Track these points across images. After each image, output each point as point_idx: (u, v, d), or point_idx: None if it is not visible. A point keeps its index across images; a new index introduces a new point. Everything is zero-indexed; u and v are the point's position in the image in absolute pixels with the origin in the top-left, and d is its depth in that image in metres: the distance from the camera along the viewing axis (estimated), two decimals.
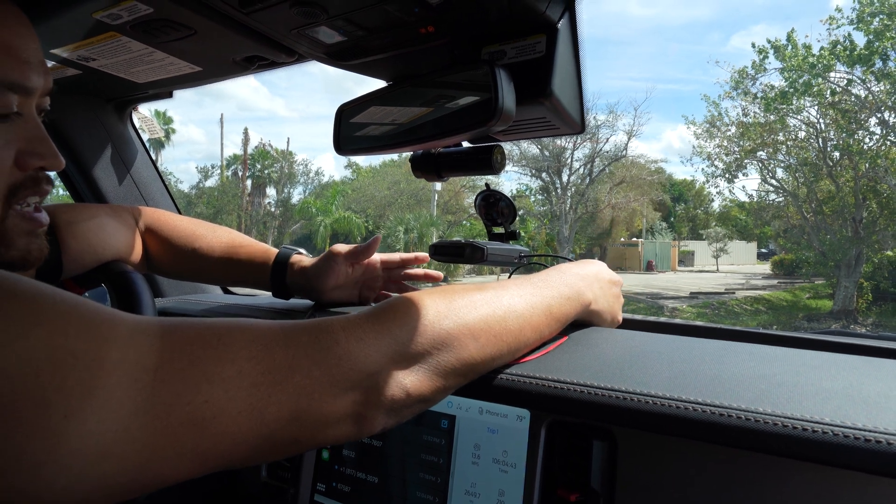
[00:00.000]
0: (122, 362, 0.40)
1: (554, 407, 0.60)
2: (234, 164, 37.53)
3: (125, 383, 0.39)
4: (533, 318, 0.62)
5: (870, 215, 15.55)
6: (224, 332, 0.45)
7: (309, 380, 0.46)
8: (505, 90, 0.63)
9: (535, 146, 23.15)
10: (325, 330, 0.49)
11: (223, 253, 0.98)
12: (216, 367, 0.43)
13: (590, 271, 0.74)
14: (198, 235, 0.99)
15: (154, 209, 1.03)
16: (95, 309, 0.41)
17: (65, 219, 0.85)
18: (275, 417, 0.45)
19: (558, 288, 0.66)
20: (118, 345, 0.40)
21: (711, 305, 17.08)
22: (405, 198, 26.76)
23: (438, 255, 0.86)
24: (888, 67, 13.81)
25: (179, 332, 0.43)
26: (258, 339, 0.46)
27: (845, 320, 14.82)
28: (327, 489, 0.74)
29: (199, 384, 0.42)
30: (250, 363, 0.44)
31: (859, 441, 0.45)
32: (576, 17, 0.66)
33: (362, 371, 0.49)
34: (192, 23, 0.74)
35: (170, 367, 0.41)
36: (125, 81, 0.99)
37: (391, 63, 0.76)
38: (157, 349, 0.41)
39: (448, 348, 0.54)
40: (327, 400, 0.47)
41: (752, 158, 17.22)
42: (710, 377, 0.57)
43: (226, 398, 0.43)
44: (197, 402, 0.41)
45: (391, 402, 0.51)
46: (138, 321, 0.43)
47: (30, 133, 0.56)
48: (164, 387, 0.41)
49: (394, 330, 0.52)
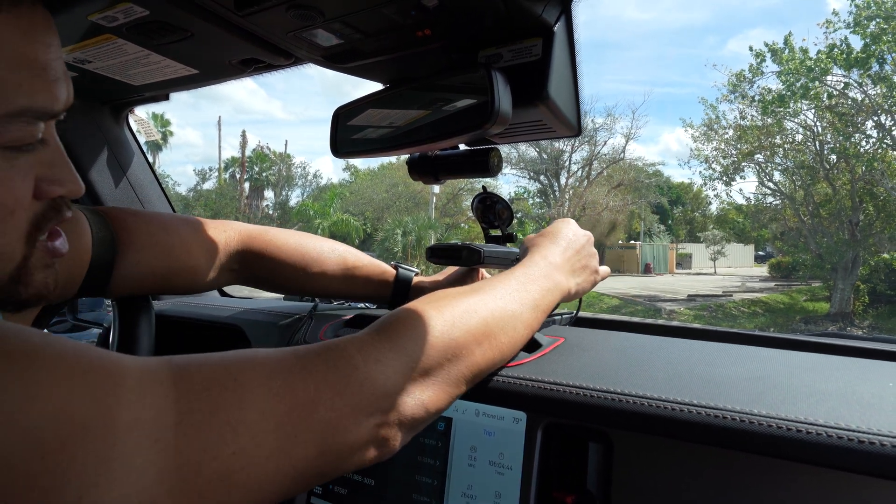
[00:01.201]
0: (137, 422, 0.35)
1: (550, 409, 0.60)
2: (232, 167, 37.51)
3: (145, 447, 0.35)
4: (524, 316, 0.62)
5: (866, 218, 15.60)
6: (238, 370, 0.42)
7: (333, 412, 0.44)
8: (501, 93, 0.63)
9: (534, 149, 23.22)
10: (341, 355, 0.47)
11: (337, 274, 0.92)
12: (239, 413, 0.40)
13: (558, 252, 0.72)
14: (309, 260, 0.90)
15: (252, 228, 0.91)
16: (100, 361, 0.36)
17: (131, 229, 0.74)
18: (302, 456, 0.43)
19: (539, 281, 0.66)
20: (130, 402, 0.36)
21: (709, 308, 17.10)
22: (403, 200, 26.77)
23: (435, 257, 0.86)
24: (885, 71, 13.87)
25: (192, 377, 0.40)
26: (275, 373, 0.43)
27: (842, 323, 14.85)
28: (324, 492, 0.74)
29: (225, 434, 0.39)
30: (273, 401, 0.42)
31: (853, 442, 0.45)
32: (572, 21, 0.66)
33: (382, 393, 0.48)
34: (187, 25, 0.74)
35: (190, 419, 0.37)
36: (121, 84, 0.99)
37: (388, 66, 0.77)
38: (173, 400, 0.37)
39: (458, 358, 0.54)
40: (351, 430, 0.46)
41: (749, 161, 17.27)
42: (705, 379, 0.57)
43: (253, 444, 0.40)
44: (225, 456, 0.38)
45: (411, 421, 0.50)
46: (146, 367, 0.39)
47: (49, 157, 0.47)
48: (189, 443, 0.37)
49: (407, 346, 0.51)
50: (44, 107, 0.43)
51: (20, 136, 0.42)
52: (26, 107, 0.42)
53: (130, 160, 1.27)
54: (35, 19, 0.42)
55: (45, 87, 0.43)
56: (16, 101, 0.41)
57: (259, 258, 0.88)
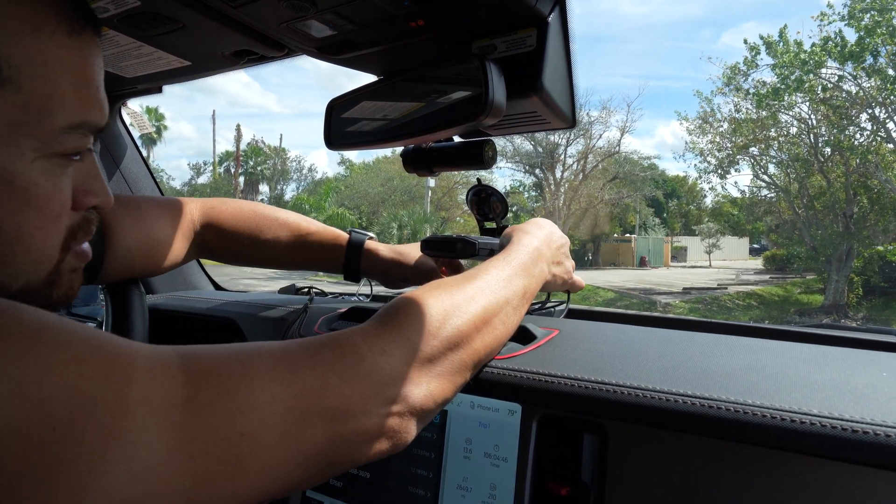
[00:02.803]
0: (146, 400, 0.36)
1: (545, 401, 0.60)
2: (227, 161, 37.38)
3: (153, 424, 0.36)
4: (514, 301, 0.63)
5: (860, 211, 15.66)
6: (245, 355, 0.42)
7: (341, 399, 0.44)
8: (495, 84, 0.63)
9: (529, 142, 23.18)
10: (347, 344, 0.48)
11: (291, 240, 0.94)
12: (247, 395, 0.40)
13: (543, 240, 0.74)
14: (262, 227, 0.93)
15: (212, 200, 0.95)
16: (110, 342, 0.37)
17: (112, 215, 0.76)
18: (311, 442, 0.43)
19: (530, 269, 0.67)
20: (139, 381, 0.36)
21: (704, 301, 17.17)
22: (399, 194, 26.73)
23: (430, 249, 0.86)
24: (879, 64, 13.87)
25: (200, 361, 0.40)
26: (281, 359, 0.43)
27: (836, 315, 14.93)
28: (319, 484, 0.74)
29: (233, 416, 0.39)
30: (281, 385, 0.42)
31: (846, 432, 0.45)
32: (566, 12, 0.66)
33: (390, 382, 0.48)
34: (180, 16, 0.73)
35: (199, 399, 0.38)
36: (113, 76, 0.98)
37: (382, 57, 0.76)
38: (181, 382, 0.38)
39: (460, 346, 0.54)
40: (360, 418, 0.46)
41: (744, 154, 17.29)
42: (700, 370, 0.58)
43: (262, 427, 0.40)
44: (233, 437, 0.38)
45: (421, 411, 0.50)
46: (155, 352, 0.39)
47: (87, 169, 0.50)
48: (197, 422, 0.37)
49: (410, 336, 0.51)
50: (95, 121, 0.48)
51: (75, 147, 0.47)
52: (84, 121, 0.47)
53: (123, 154, 1.26)
54: (92, 44, 0.48)
55: (98, 104, 0.48)
56: (76, 116, 0.46)
57: (215, 228, 0.91)
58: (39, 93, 0.43)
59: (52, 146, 0.45)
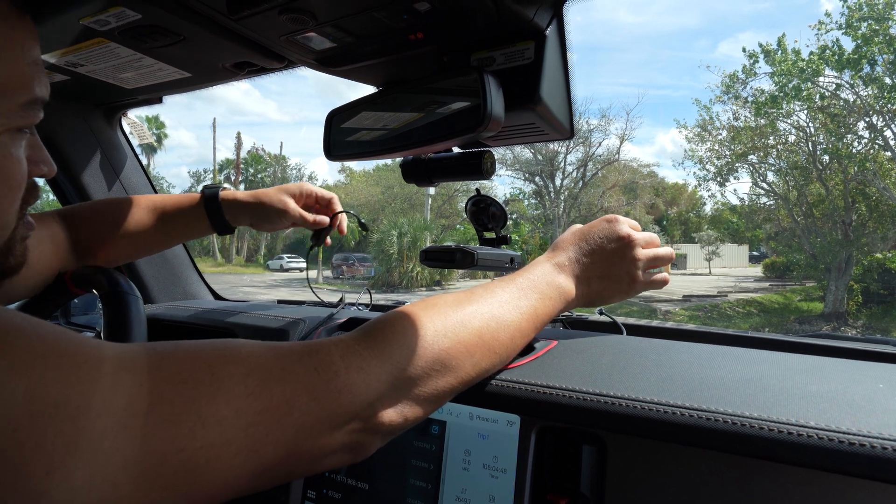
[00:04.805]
0: (108, 407, 0.36)
1: (544, 412, 0.60)
2: (227, 169, 37.43)
3: (113, 432, 0.36)
4: (522, 325, 0.61)
5: (859, 218, 15.69)
6: (217, 365, 0.42)
7: (307, 416, 0.44)
8: (494, 96, 0.63)
9: (529, 150, 23.24)
10: (323, 360, 0.47)
11: (153, 218, 0.95)
12: (211, 408, 0.40)
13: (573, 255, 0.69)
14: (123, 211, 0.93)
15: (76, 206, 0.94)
16: (78, 346, 0.37)
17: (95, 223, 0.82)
18: (271, 455, 0.43)
19: (542, 289, 0.64)
20: (103, 387, 0.36)
21: (704, 308, 17.16)
22: (399, 202, 26.76)
23: (429, 260, 0.86)
24: (876, 72, 13.95)
25: (169, 367, 0.40)
26: (253, 371, 0.43)
27: (836, 322, 14.92)
28: (318, 496, 0.74)
29: (194, 428, 0.39)
30: (247, 400, 0.42)
31: (843, 444, 0.45)
32: (564, 24, 0.66)
33: (362, 402, 0.48)
34: (180, 29, 0.73)
35: (161, 410, 0.38)
36: (114, 87, 0.98)
37: (381, 69, 0.77)
38: (146, 390, 0.38)
39: (446, 370, 0.53)
40: (325, 434, 0.46)
41: (743, 162, 17.34)
42: (698, 381, 0.58)
43: (222, 441, 0.40)
44: (192, 449, 0.39)
45: (389, 428, 0.50)
46: (124, 354, 0.39)
47: (34, 141, 0.54)
48: (157, 433, 0.37)
49: (394, 354, 0.50)
50: (44, 96, 0.51)
51: (32, 121, 0.50)
52: (39, 96, 0.50)
53: (123, 163, 1.26)
54: (31, 24, 0.50)
55: (45, 81, 0.51)
56: (33, 92, 0.49)
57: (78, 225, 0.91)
58: (2, 73, 0.47)
59: (15, 121, 0.48)
